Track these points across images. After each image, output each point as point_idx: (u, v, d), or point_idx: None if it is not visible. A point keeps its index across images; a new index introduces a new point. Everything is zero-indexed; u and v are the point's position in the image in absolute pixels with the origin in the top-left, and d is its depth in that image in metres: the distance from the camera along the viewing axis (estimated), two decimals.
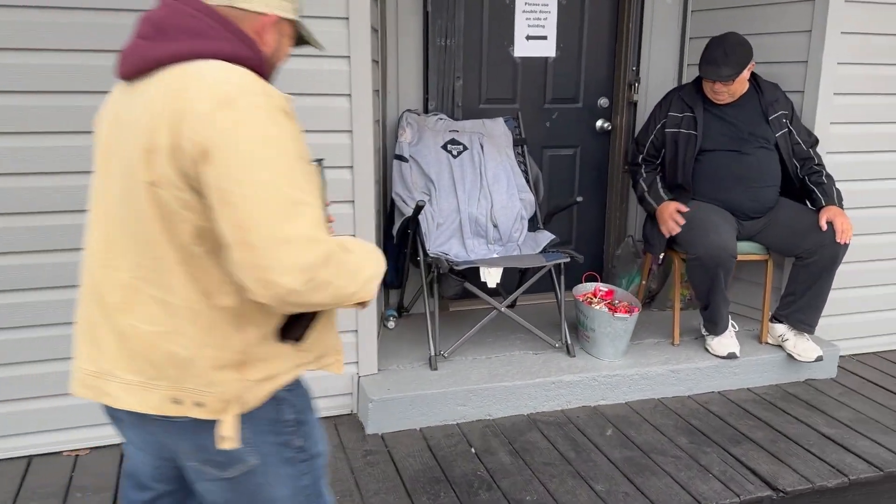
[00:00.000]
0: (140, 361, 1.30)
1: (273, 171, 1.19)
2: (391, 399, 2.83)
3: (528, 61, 3.78)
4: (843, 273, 3.47)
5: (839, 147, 3.39)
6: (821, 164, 3.25)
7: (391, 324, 3.47)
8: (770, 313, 3.38)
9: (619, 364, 3.17)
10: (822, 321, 3.51)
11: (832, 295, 3.50)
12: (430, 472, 2.60)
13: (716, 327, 3.25)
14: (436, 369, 3.05)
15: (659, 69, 3.91)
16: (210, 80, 1.21)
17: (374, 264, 1.39)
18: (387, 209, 3.53)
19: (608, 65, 3.92)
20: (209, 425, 1.32)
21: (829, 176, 3.24)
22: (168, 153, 1.19)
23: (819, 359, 3.24)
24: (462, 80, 3.61)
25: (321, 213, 1.25)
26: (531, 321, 3.29)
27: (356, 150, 2.73)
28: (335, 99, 2.68)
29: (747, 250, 3.30)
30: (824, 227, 3.09)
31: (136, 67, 1.28)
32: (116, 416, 1.42)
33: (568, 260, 3.12)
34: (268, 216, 1.18)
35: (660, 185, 3.34)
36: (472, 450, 2.74)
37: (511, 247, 3.41)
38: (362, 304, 1.38)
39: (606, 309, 3.16)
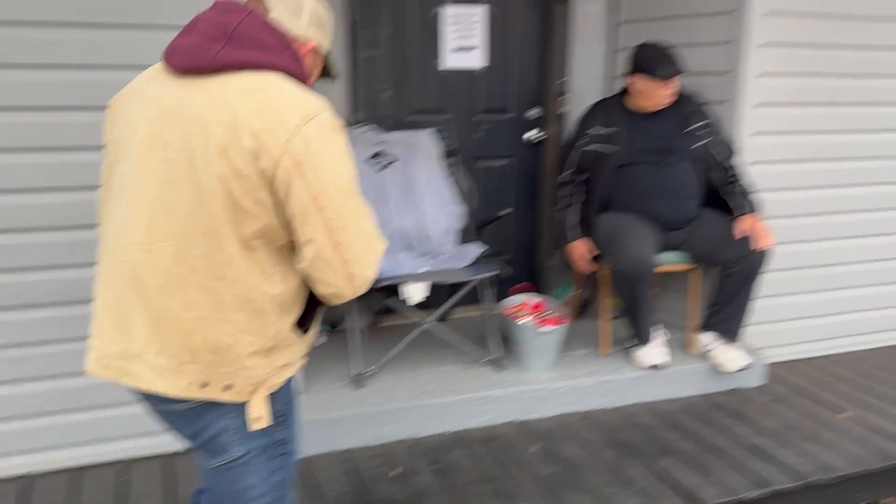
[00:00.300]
0: (173, 346, 1.39)
1: (349, 178, 1.40)
2: (312, 421, 2.76)
3: (458, 73, 3.75)
4: (771, 281, 3.54)
5: (763, 157, 3.43)
6: (738, 175, 3.29)
7: (322, 339, 3.40)
8: (697, 323, 3.40)
9: (547, 377, 3.15)
10: (750, 329, 3.56)
11: (761, 303, 3.55)
12: (351, 497, 2.54)
13: (641, 337, 3.25)
14: (361, 388, 2.99)
15: (587, 80, 3.92)
16: (293, 96, 1.36)
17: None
18: None
19: (538, 76, 3.92)
20: (211, 411, 1.44)
21: (745, 185, 3.27)
22: (251, 155, 1.31)
23: (743, 368, 3.26)
24: (390, 92, 3.56)
25: None
26: (464, 334, 3.26)
27: None
28: None
29: (672, 261, 3.31)
30: (738, 236, 3.12)
31: (201, 64, 1.36)
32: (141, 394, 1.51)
33: (496, 273, 3.09)
34: (354, 219, 1.40)
35: (578, 219, 3.35)
36: (397, 471, 2.69)
37: (441, 259, 3.37)
38: None
39: (531, 322, 3.14)
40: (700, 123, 3.29)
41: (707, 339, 3.35)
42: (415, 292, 2.96)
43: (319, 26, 1.53)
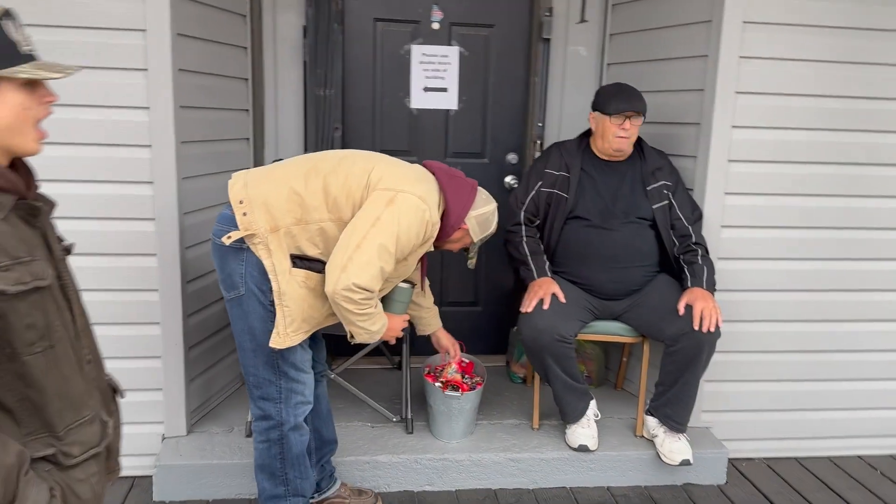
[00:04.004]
0: None
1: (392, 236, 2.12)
2: (179, 466, 2.70)
3: (427, 113, 3.60)
4: (743, 363, 3.10)
5: (735, 221, 2.98)
6: (699, 244, 2.87)
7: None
8: (647, 402, 3.00)
9: (453, 447, 2.89)
10: (715, 417, 3.12)
11: (729, 388, 3.12)
12: None
13: (565, 415, 2.91)
14: (249, 436, 2.89)
15: (574, 123, 3.61)
16: (422, 184, 2.22)
17: (376, 328, 2.16)
18: None
19: (519, 120, 3.67)
20: (231, 253, 2.14)
21: (705, 256, 2.85)
22: None
23: (685, 462, 2.82)
24: (341, 131, 3.47)
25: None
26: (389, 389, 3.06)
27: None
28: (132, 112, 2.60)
29: (615, 331, 2.95)
30: (681, 311, 2.71)
31: None
32: None
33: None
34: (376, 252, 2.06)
35: (545, 257, 3.02)
36: None
37: None
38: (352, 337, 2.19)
39: (439, 385, 2.89)
40: (663, 182, 2.92)
41: (652, 424, 2.94)
42: None
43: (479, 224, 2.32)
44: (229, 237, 2.12)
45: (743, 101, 2.89)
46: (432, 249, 2.30)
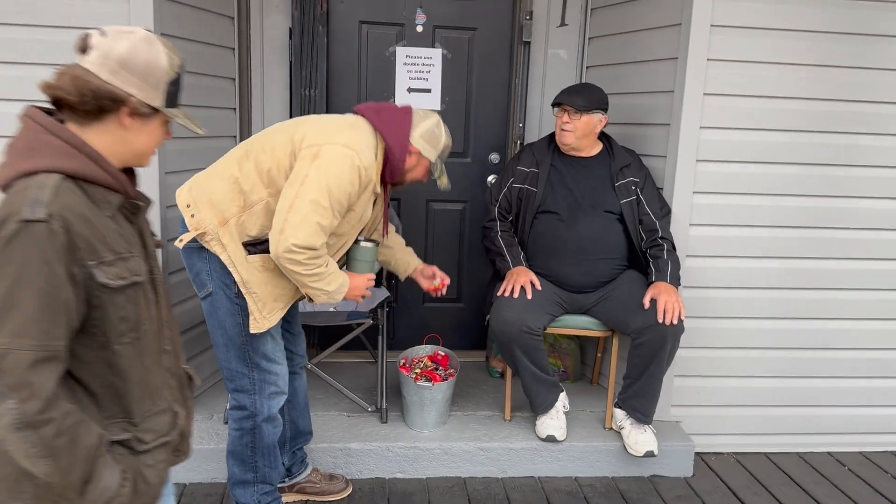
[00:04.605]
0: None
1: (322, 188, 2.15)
2: None
3: None
4: (712, 359, 3.16)
5: (703, 219, 3.05)
6: (665, 238, 2.94)
7: None
8: (616, 396, 3.07)
9: (425, 436, 2.97)
10: (684, 411, 3.18)
11: (699, 383, 3.18)
12: None
13: (534, 406, 2.98)
14: (227, 423, 2.97)
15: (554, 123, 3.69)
16: (349, 128, 2.23)
17: (332, 287, 2.17)
18: None
19: (501, 121, 3.76)
20: (195, 253, 2.20)
21: (671, 251, 2.92)
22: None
23: (650, 454, 2.89)
24: None
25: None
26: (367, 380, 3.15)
27: None
28: None
29: (584, 325, 3.02)
30: (646, 304, 2.79)
31: None
32: None
33: (367, 321, 2.99)
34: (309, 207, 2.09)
35: (520, 249, 3.10)
36: None
37: (345, 302, 3.29)
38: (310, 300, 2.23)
39: (411, 376, 2.98)
40: (631, 178, 3.00)
41: (620, 416, 3.01)
42: None
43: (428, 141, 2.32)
44: (181, 240, 2.20)
45: (711, 102, 2.96)
46: (380, 193, 2.33)
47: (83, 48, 1.27)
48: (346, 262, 2.38)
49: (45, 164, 1.19)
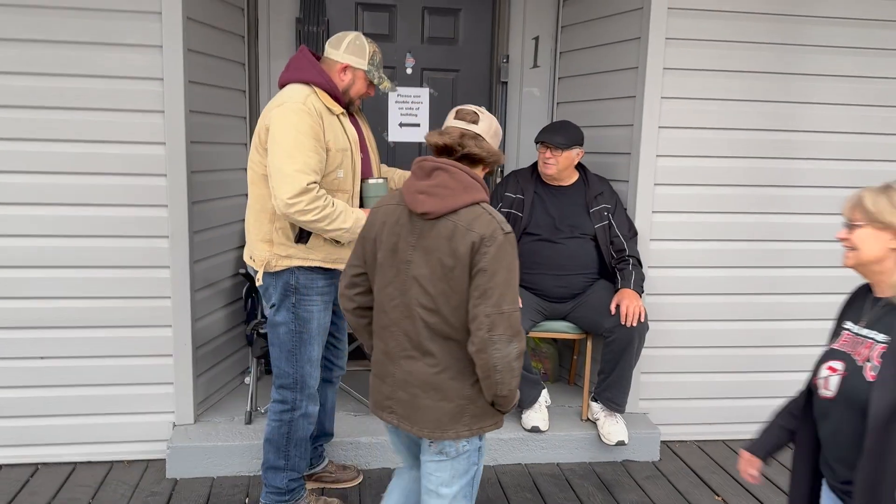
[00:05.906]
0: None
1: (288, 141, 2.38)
2: (188, 448, 3.15)
3: (403, 146, 4.13)
4: (675, 357, 3.58)
5: (662, 235, 3.51)
6: (632, 255, 3.38)
7: (248, 380, 3.79)
8: (591, 391, 3.48)
9: None
10: (651, 404, 3.60)
11: (664, 378, 3.60)
12: None
13: (520, 402, 3.39)
14: (249, 423, 3.35)
15: (529, 154, 4.14)
16: (282, 93, 2.50)
17: (349, 224, 2.43)
18: None
19: None
20: (266, 276, 2.59)
21: (635, 264, 3.37)
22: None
23: (621, 443, 3.30)
24: None
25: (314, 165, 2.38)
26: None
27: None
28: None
29: (562, 329, 3.45)
30: (613, 309, 3.22)
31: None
32: None
33: None
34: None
35: None
36: (247, 500, 3.01)
37: None
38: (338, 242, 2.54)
39: None
40: (604, 205, 3.44)
41: (595, 409, 3.42)
42: None
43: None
44: (258, 280, 2.63)
45: (665, 134, 3.43)
46: (343, 113, 2.56)
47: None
48: (360, 201, 2.62)
49: (482, 196, 1.86)
